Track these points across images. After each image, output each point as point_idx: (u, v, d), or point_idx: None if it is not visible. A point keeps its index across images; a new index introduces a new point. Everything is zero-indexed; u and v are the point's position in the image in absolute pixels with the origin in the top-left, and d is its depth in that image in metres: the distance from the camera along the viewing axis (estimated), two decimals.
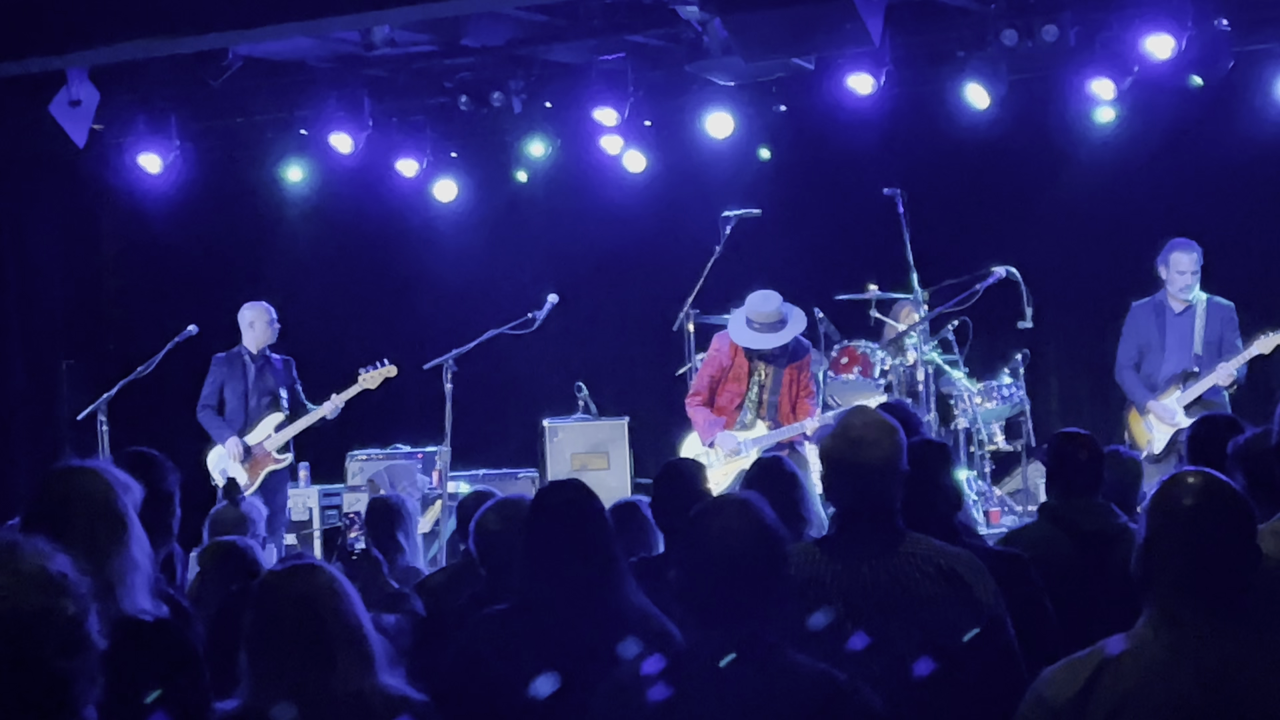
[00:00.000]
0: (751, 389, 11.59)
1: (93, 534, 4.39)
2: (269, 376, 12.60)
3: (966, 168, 13.69)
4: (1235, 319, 11.46)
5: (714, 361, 11.67)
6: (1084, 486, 6.79)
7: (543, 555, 5.10)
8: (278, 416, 12.53)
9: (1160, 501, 3.89)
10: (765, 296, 11.44)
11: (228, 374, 12.55)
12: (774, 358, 11.52)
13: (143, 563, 4.49)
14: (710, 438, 11.58)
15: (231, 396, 12.54)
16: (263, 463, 12.49)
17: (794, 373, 11.56)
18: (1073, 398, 14.04)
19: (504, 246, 15.04)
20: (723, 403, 11.65)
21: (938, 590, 4.85)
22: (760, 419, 11.58)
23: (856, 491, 4.96)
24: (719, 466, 11.45)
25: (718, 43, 11.27)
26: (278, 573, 4.23)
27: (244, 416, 12.51)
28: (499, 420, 14.45)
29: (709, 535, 4.22)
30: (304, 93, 13.05)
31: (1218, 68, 11.78)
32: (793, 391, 11.56)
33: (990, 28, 11.80)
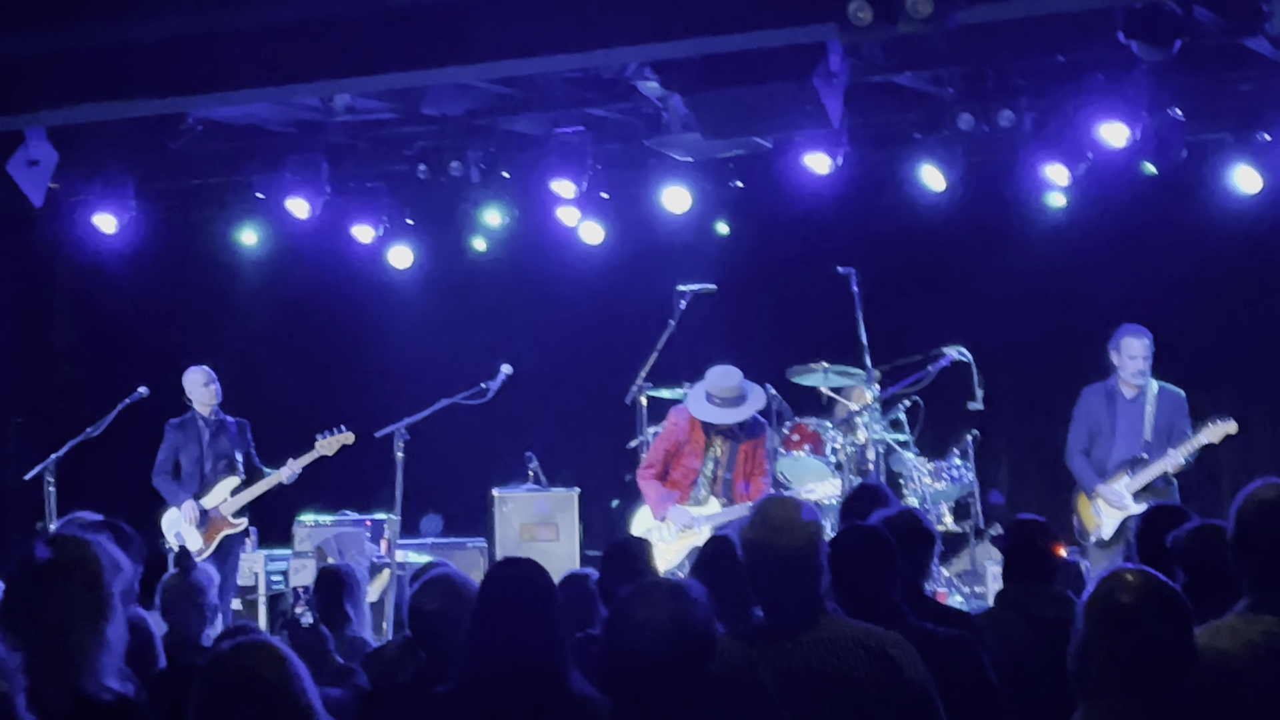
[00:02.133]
0: (707, 465, 11.60)
1: (72, 611, 4.37)
2: (224, 440, 12.57)
3: (921, 248, 13.78)
4: (1186, 406, 11.53)
5: (670, 435, 11.68)
6: (1041, 573, 6.83)
7: (488, 637, 5.05)
8: (234, 480, 12.48)
9: (1097, 598, 3.91)
10: (726, 372, 11.48)
11: (182, 439, 12.51)
12: (731, 434, 11.54)
13: (115, 644, 4.45)
14: (663, 512, 11.58)
15: (186, 461, 12.50)
16: (219, 526, 12.44)
17: (749, 450, 11.59)
18: (1022, 480, 14.09)
19: (459, 315, 15.04)
20: (676, 477, 11.65)
21: (869, 672, 4.86)
22: (714, 496, 11.58)
23: (780, 577, 4.98)
24: (671, 541, 11.45)
25: (677, 119, 11.31)
26: (225, 652, 4.19)
27: (199, 480, 12.47)
28: (448, 488, 14.40)
29: (631, 624, 4.20)
30: (262, 157, 13.03)
31: (1171, 156, 11.89)
32: (746, 469, 11.58)
33: (947, 111, 11.90)
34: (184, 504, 12.34)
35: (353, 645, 8.08)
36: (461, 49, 8.64)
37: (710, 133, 9.81)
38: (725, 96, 9.16)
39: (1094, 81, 11.28)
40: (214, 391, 12.57)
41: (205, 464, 12.50)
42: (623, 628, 4.24)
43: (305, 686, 4.12)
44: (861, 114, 11.75)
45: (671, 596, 4.28)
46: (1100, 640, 3.84)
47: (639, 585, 4.45)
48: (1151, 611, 3.86)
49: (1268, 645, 4.84)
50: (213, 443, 12.54)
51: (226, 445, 12.57)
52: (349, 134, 12.91)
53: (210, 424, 12.55)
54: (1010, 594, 6.85)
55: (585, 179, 12.86)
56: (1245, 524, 5.02)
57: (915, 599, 6.28)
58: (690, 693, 4.21)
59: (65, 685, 4.34)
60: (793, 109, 8.91)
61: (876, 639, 4.91)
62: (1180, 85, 11.50)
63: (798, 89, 8.71)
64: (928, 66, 11.40)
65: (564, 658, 4.99)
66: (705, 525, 11.41)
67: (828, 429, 12.44)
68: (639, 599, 4.30)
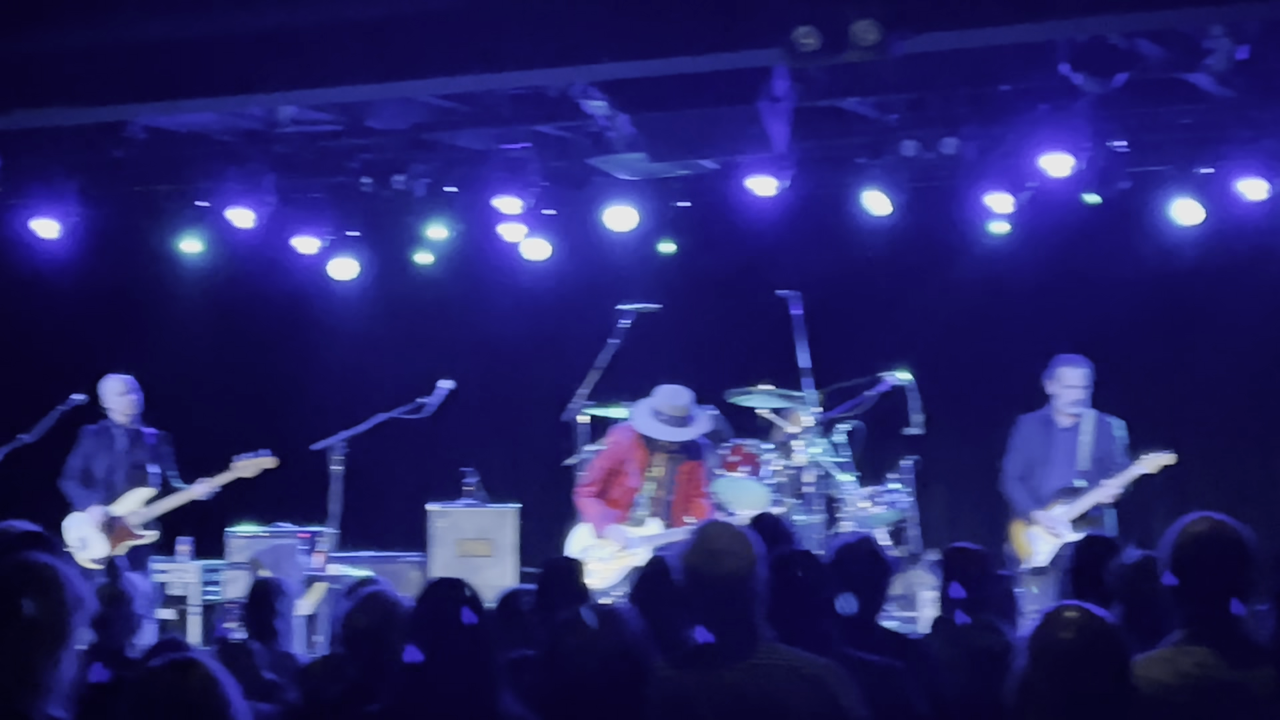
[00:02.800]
0: (647, 485, 11.61)
1: (37, 634, 4.34)
2: (139, 450, 12.48)
3: (863, 272, 13.84)
4: (1123, 436, 11.60)
5: (612, 454, 11.68)
6: (975, 602, 6.86)
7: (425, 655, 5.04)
8: (147, 492, 12.38)
9: (1039, 635, 3.93)
10: (676, 391, 11.51)
11: (96, 446, 12.43)
12: (672, 454, 11.55)
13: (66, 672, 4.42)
14: (602, 530, 11.58)
15: (99, 468, 12.41)
16: (124, 536, 12.32)
17: (689, 472, 11.60)
18: (959, 506, 14.13)
19: (400, 328, 15.01)
20: (615, 496, 11.65)
21: (804, 700, 4.87)
22: (654, 516, 11.59)
23: (718, 603, 4.98)
24: (608, 561, 11.45)
25: (623, 138, 11.33)
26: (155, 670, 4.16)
27: (109, 488, 12.37)
28: (386, 503, 14.35)
29: (568, 649, 4.20)
30: (206, 165, 12.97)
31: (1112, 186, 11.97)
32: (686, 491, 11.60)
33: (892, 137, 11.96)
34: (90, 509, 12.24)
35: (282, 660, 8.04)
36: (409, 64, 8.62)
37: (655, 154, 9.82)
38: (671, 118, 9.16)
39: (1038, 112, 11.33)
40: (131, 401, 12.48)
41: (117, 472, 12.40)
42: (560, 652, 4.24)
43: (234, 705, 4.10)
44: (806, 138, 11.76)
45: (607, 621, 4.28)
46: (1041, 676, 3.86)
47: (573, 611, 4.45)
48: (1093, 650, 3.88)
49: (1200, 676, 4.89)
50: (128, 452, 12.45)
51: (141, 456, 12.48)
52: (294, 145, 12.86)
53: (127, 433, 12.47)
54: (944, 623, 6.87)
55: (530, 196, 12.86)
56: (1179, 557, 5.06)
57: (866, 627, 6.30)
58: (626, 717, 4.21)
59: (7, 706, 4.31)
60: (738, 133, 8.92)
61: (812, 667, 4.93)
62: (1123, 117, 11.58)
63: (743, 113, 8.73)
64: (873, 92, 11.46)
65: (495, 679, 4.99)
66: (643, 547, 11.41)
67: (766, 451, 12.46)
68: (573, 624, 4.30)
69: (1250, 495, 13.20)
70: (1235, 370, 13.40)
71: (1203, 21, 9.35)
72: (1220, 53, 9.81)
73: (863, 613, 6.30)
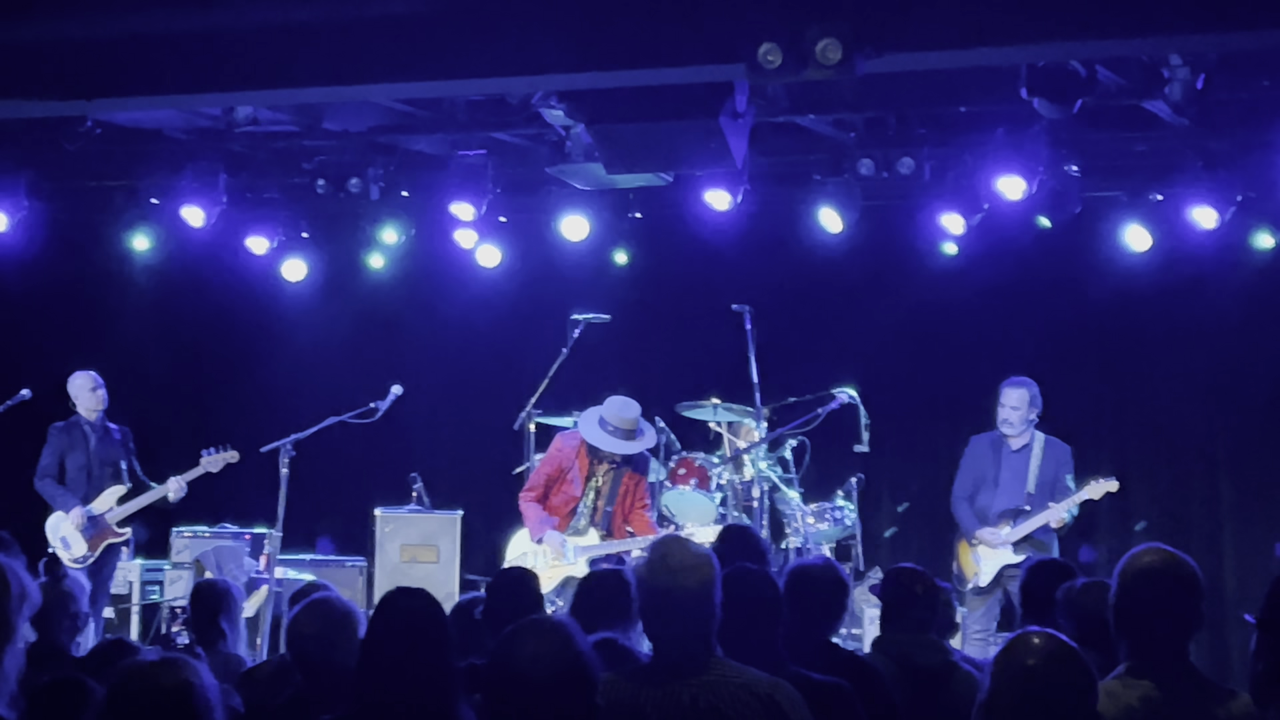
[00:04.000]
0: (588, 494, 11.61)
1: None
2: (109, 446, 12.46)
3: (815, 288, 13.86)
4: (1070, 461, 11.66)
5: (554, 460, 11.68)
6: (917, 622, 6.87)
7: (380, 664, 5.02)
8: (119, 489, 12.36)
9: (1004, 660, 3.94)
10: (626, 404, 11.50)
11: (68, 443, 12.38)
12: (616, 465, 11.56)
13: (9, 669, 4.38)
14: (540, 535, 11.57)
15: (72, 466, 12.37)
16: (104, 535, 12.30)
17: (630, 483, 11.61)
18: (903, 523, 14.18)
19: (351, 331, 14.95)
20: (556, 503, 11.66)
21: (754, 716, 4.88)
22: (593, 526, 11.59)
23: (673, 619, 4.99)
24: (543, 569, 11.44)
25: (580, 148, 11.32)
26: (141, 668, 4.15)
27: (86, 486, 12.33)
28: (330, 506, 14.31)
29: (517, 661, 4.20)
30: (159, 162, 12.89)
31: (1066, 210, 12.02)
32: (627, 502, 11.60)
33: (848, 155, 11.99)
34: (74, 509, 12.19)
35: (227, 662, 8.00)
36: (368, 68, 8.61)
37: (613, 165, 9.81)
38: (630, 130, 9.18)
39: (994, 135, 11.39)
40: (100, 397, 12.45)
41: (92, 469, 12.37)
42: (507, 663, 4.23)
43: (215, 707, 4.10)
44: (763, 153, 11.82)
45: (554, 633, 4.28)
46: (1007, 701, 3.87)
47: (522, 622, 4.44)
48: (1058, 675, 3.90)
49: (1145, 710, 4.90)
50: (99, 448, 12.42)
51: (112, 452, 12.46)
52: (249, 144, 12.81)
53: (96, 429, 12.43)
54: (886, 641, 6.90)
55: (484, 202, 12.82)
56: (1126, 588, 5.07)
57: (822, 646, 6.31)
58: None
59: None
60: (697, 147, 8.93)
61: (763, 685, 4.94)
62: (1079, 142, 11.64)
63: (703, 127, 8.74)
64: (831, 110, 11.48)
65: (455, 689, 4.98)
66: (581, 557, 11.43)
67: (714, 464, 12.47)
68: (522, 635, 4.30)
69: (1192, 521, 13.30)
70: (1180, 396, 13.47)
71: (1161, 50, 9.43)
72: (1177, 81, 9.89)
73: (817, 633, 6.31)
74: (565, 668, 4.20)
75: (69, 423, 12.45)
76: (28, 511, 12.31)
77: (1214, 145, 11.50)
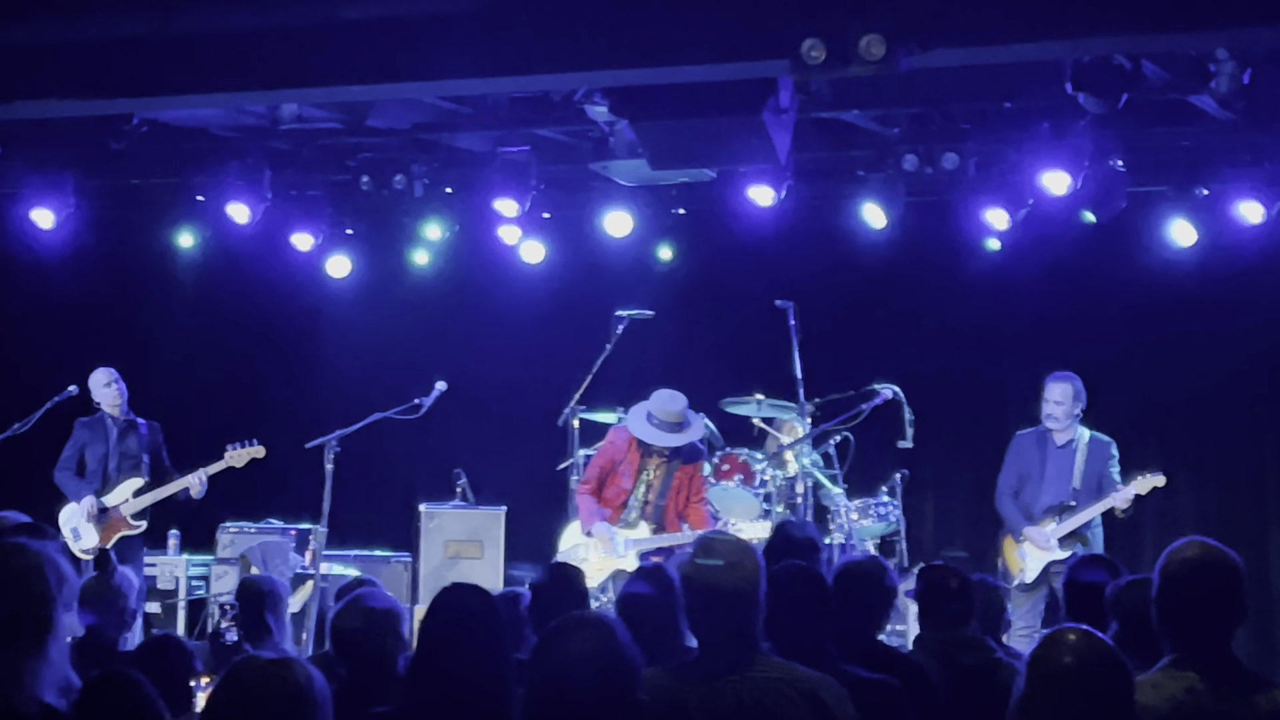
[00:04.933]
0: (639, 487, 11.61)
1: (14, 623, 4.33)
2: (132, 440, 12.51)
3: (859, 284, 13.84)
4: (1116, 455, 11.61)
5: (607, 453, 11.71)
6: (956, 618, 6.85)
7: (435, 660, 5.04)
8: (137, 481, 12.41)
9: (1040, 658, 3.93)
10: (672, 396, 11.53)
11: (90, 437, 12.47)
12: (667, 458, 11.55)
13: (56, 659, 4.41)
14: (590, 527, 11.59)
15: (91, 459, 12.45)
16: (116, 526, 12.35)
17: (684, 477, 11.60)
18: (948, 520, 14.15)
19: (395, 327, 14.98)
20: (608, 496, 11.68)
21: (799, 714, 4.87)
22: (644, 520, 11.58)
23: (718, 615, 4.98)
24: (593, 560, 11.47)
25: (623, 145, 11.32)
26: (261, 667, 4.17)
27: (102, 478, 12.40)
28: (376, 502, 14.33)
29: (558, 658, 4.20)
30: (205, 160, 12.94)
31: (1111, 206, 11.98)
32: (681, 497, 11.59)
33: (892, 151, 11.95)
34: (84, 499, 12.25)
35: None
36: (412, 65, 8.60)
37: (656, 162, 9.79)
38: (673, 127, 9.16)
39: (1039, 129, 11.35)
40: (116, 392, 12.51)
41: (110, 463, 12.44)
42: (550, 660, 4.24)
43: None
44: (807, 149, 11.77)
45: (597, 630, 4.28)
46: (1042, 699, 3.87)
47: (564, 617, 4.44)
48: (1094, 673, 3.89)
49: (1190, 702, 4.89)
50: (120, 442, 12.49)
51: (134, 446, 12.51)
52: (293, 141, 12.84)
53: (119, 423, 12.50)
54: (927, 641, 6.88)
55: (528, 198, 12.83)
56: (1170, 581, 5.06)
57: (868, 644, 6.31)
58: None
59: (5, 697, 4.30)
60: (741, 143, 8.92)
61: (808, 682, 4.93)
62: (1124, 137, 11.59)
63: (746, 123, 8.71)
64: (875, 106, 11.45)
65: (509, 687, 4.99)
66: (631, 550, 11.44)
67: (758, 460, 12.47)
68: (565, 632, 4.30)
69: (1240, 516, 13.25)
70: (1227, 391, 13.42)
71: (1209, 45, 9.37)
72: (1224, 75, 9.83)
73: (864, 631, 6.31)
74: (607, 664, 4.20)
75: (93, 418, 12.54)
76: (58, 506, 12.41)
77: (1260, 139, 11.42)
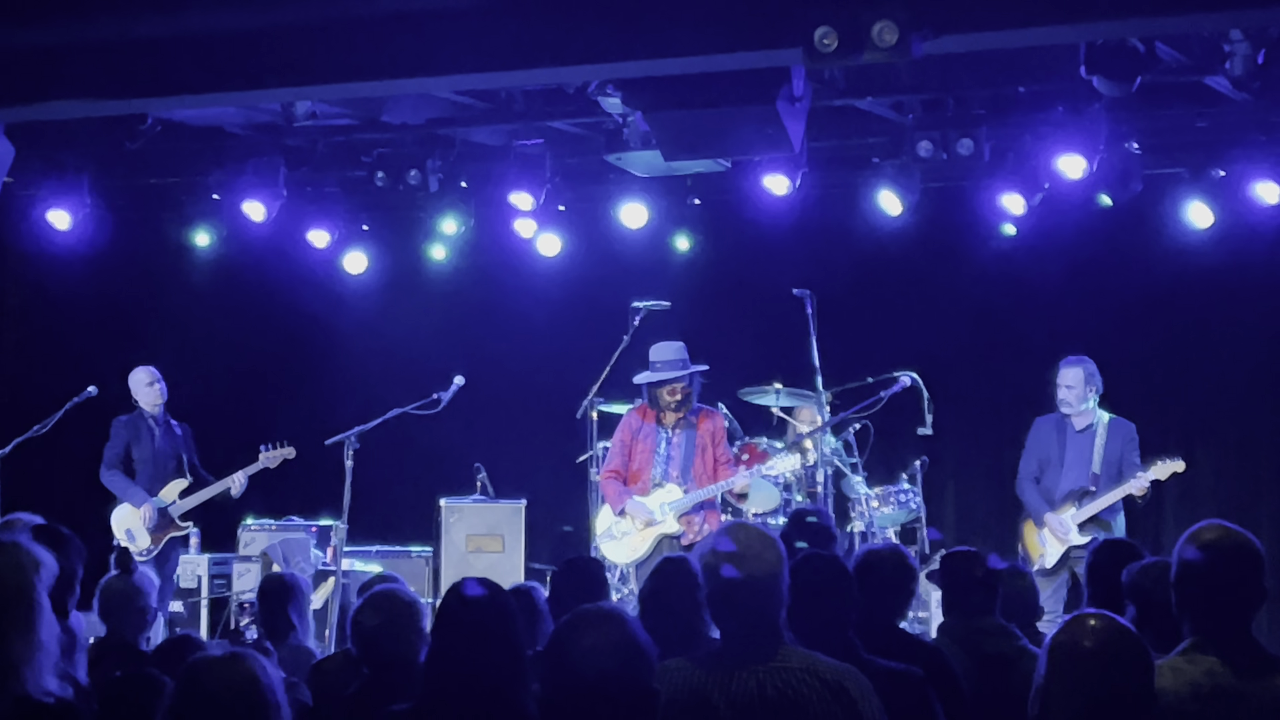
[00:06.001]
0: (660, 445, 11.52)
1: (4, 616, 4.36)
2: (171, 441, 12.56)
3: (876, 271, 13.82)
4: (1136, 439, 11.58)
5: (625, 427, 11.63)
6: (980, 605, 6.84)
7: (449, 656, 5.03)
8: (182, 482, 12.48)
9: (1060, 643, 3.93)
10: (667, 343, 11.51)
11: (133, 436, 12.49)
12: (681, 412, 11.42)
13: (49, 644, 4.45)
14: (620, 506, 11.50)
15: (139, 458, 12.48)
16: (168, 529, 12.41)
17: (706, 435, 11.48)
18: (969, 506, 14.14)
19: (412, 322, 14.99)
20: (635, 467, 11.57)
21: (823, 704, 4.85)
22: (670, 481, 11.45)
23: (741, 606, 4.97)
24: (634, 534, 11.43)
25: (637, 136, 11.32)
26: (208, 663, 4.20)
27: (151, 479, 12.43)
28: (396, 496, 14.36)
29: (572, 651, 4.20)
30: (220, 158, 12.96)
31: (1127, 189, 11.96)
32: (708, 457, 11.46)
33: (907, 137, 11.92)
34: (145, 502, 12.30)
35: (297, 655, 8.06)
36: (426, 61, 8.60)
37: (671, 153, 9.78)
38: (687, 117, 9.14)
39: (1054, 114, 11.33)
40: (159, 391, 12.54)
41: (156, 462, 12.49)
42: (563, 654, 4.23)
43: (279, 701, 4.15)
44: (821, 137, 11.78)
45: (610, 623, 4.27)
46: (1062, 684, 3.87)
47: (578, 611, 4.44)
48: (1114, 658, 3.89)
49: (1210, 685, 4.88)
50: (163, 442, 12.54)
51: (174, 446, 12.57)
52: (308, 138, 12.86)
53: (160, 423, 12.54)
54: (951, 628, 6.86)
55: (543, 191, 12.85)
56: (1189, 565, 5.04)
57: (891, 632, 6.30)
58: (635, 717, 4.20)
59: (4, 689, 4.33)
60: (754, 132, 8.90)
61: (832, 672, 4.91)
62: (1139, 120, 11.57)
63: (760, 113, 8.70)
64: (889, 92, 11.44)
65: (524, 681, 4.99)
66: (670, 513, 11.35)
67: (777, 449, 12.46)
68: (578, 625, 4.30)
69: (1262, 499, 13.21)
70: (1246, 374, 13.39)
71: (1223, 26, 9.34)
72: (1238, 56, 9.80)
73: (885, 619, 6.30)
74: (622, 658, 4.19)
75: (132, 416, 12.56)
76: (94, 504, 12.41)
77: (1276, 119, 11.41)
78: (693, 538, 11.19)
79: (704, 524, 11.33)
